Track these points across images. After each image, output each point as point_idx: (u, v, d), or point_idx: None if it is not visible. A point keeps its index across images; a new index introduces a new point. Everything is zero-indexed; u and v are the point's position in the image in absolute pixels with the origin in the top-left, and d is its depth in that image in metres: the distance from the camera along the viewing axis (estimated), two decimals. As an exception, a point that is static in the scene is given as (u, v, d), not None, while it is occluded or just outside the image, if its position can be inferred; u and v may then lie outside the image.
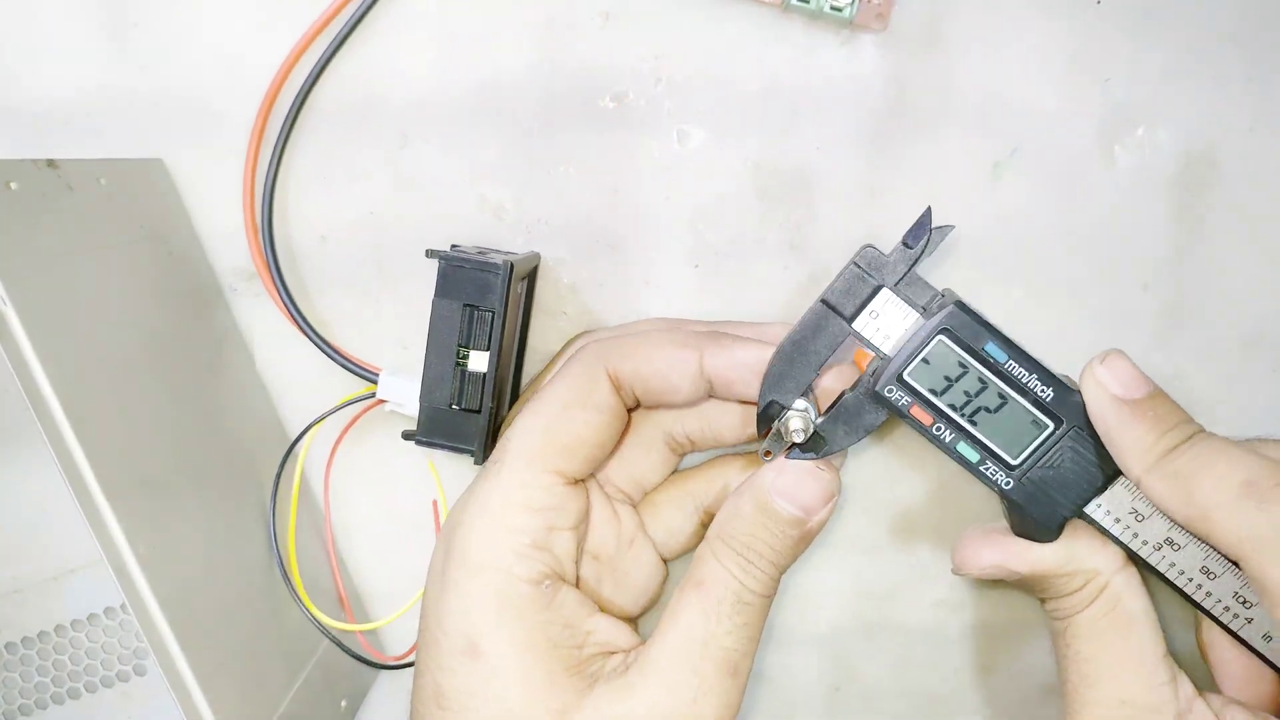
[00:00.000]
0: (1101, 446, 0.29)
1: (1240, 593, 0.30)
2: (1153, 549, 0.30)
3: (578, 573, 0.32)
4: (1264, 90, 0.34)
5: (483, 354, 0.31)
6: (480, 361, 0.31)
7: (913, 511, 0.37)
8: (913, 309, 0.30)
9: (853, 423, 0.31)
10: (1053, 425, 0.30)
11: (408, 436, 0.33)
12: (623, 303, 0.36)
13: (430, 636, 0.30)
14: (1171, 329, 0.35)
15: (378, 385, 0.34)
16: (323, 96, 0.35)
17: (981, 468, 0.30)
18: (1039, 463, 0.30)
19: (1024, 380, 0.30)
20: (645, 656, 0.29)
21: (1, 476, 0.37)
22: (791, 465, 0.30)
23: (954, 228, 0.31)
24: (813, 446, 0.31)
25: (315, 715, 0.35)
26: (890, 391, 0.30)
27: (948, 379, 0.30)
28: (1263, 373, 0.35)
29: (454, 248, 0.34)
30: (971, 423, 0.30)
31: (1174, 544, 0.30)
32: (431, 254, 0.32)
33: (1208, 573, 0.30)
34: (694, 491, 0.34)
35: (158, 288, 0.32)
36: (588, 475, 0.32)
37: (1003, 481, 0.30)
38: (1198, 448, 0.28)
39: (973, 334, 0.30)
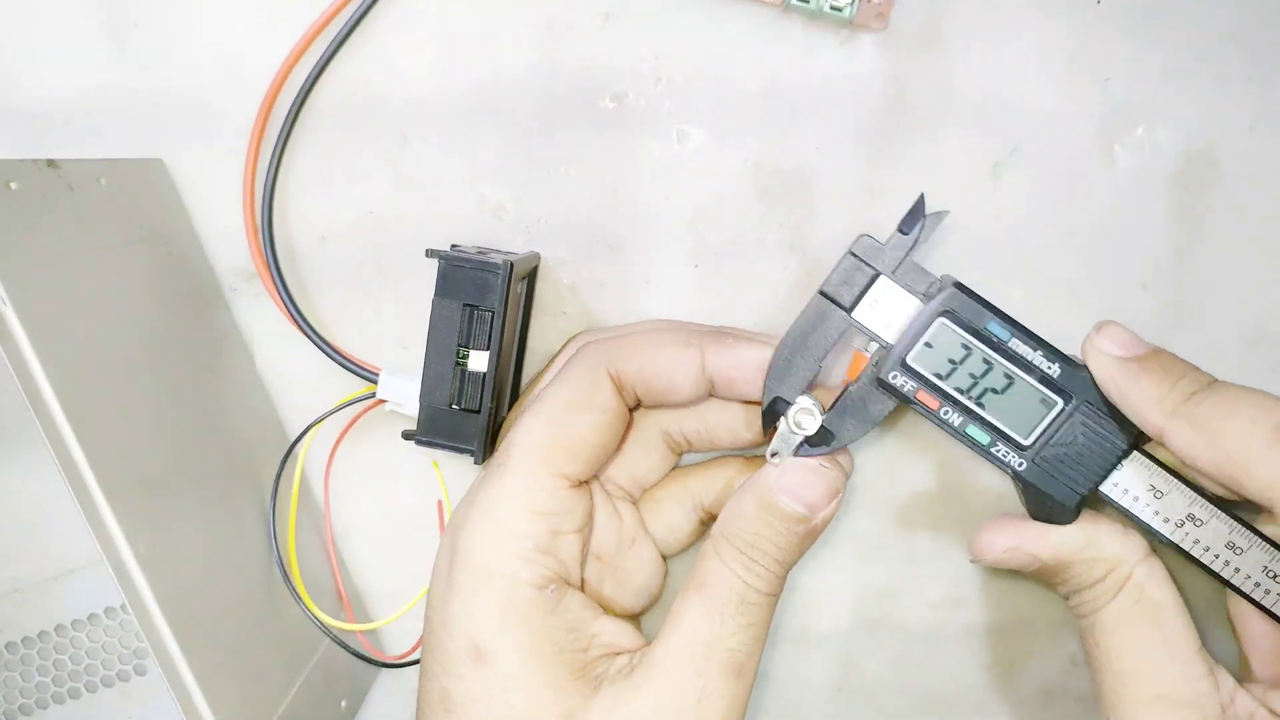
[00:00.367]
0: (1113, 420, 0.29)
1: (1270, 567, 0.29)
2: (1175, 526, 0.30)
3: (582, 575, 0.31)
4: (1264, 90, 0.34)
5: (483, 354, 0.31)
6: (480, 361, 0.31)
7: (914, 510, 0.37)
8: (912, 295, 0.30)
9: (860, 414, 0.31)
10: (1062, 402, 0.29)
11: (408, 436, 0.33)
12: (623, 303, 0.36)
13: (435, 640, 0.30)
14: (1171, 329, 0.35)
15: (378, 385, 0.34)
16: (323, 96, 0.35)
17: (993, 450, 0.30)
18: (1051, 441, 0.29)
19: (1029, 358, 0.29)
20: (650, 658, 0.29)
21: (1, 476, 0.37)
22: (795, 462, 0.30)
23: (949, 212, 0.31)
24: (821, 440, 0.30)
25: (315, 715, 0.35)
26: (895, 378, 0.30)
27: (952, 361, 0.30)
28: (1263, 372, 0.35)
29: (454, 248, 0.34)
30: (979, 405, 0.30)
31: (1196, 520, 0.29)
32: (431, 254, 0.32)
33: (1234, 548, 0.29)
34: (694, 489, 0.34)
35: (158, 288, 0.32)
36: (592, 477, 0.32)
37: (1015, 463, 0.30)
38: (1219, 394, 0.28)
39: (974, 313, 0.29)
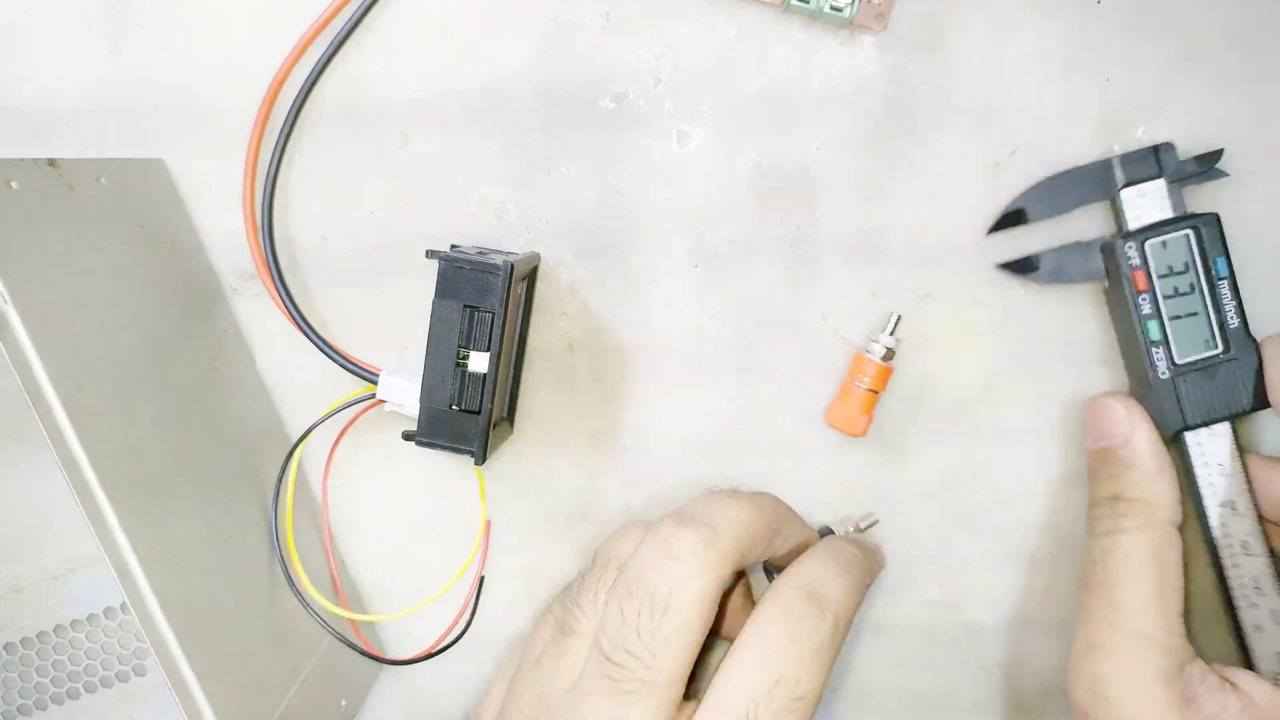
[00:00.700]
0: (1239, 385, 0.33)
1: (1259, 580, 0.33)
2: (1217, 504, 0.33)
3: None
4: (1264, 90, 0.34)
5: (483, 355, 0.31)
6: (480, 362, 0.31)
7: (913, 510, 0.37)
8: (1172, 207, 0.33)
9: (1075, 264, 0.34)
10: (1222, 349, 0.33)
11: (408, 437, 0.33)
12: (623, 303, 0.36)
13: None
14: (1171, 329, 0.35)
15: (378, 385, 0.34)
16: (323, 96, 0.35)
17: (1154, 349, 0.33)
18: (1193, 371, 0.33)
19: (1224, 302, 0.33)
20: None
21: (2, 476, 0.37)
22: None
23: (1227, 175, 0.33)
24: (1031, 266, 0.34)
25: (316, 714, 0.35)
26: (1128, 249, 0.33)
27: (1170, 268, 0.33)
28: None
29: (454, 248, 0.34)
30: (1168, 312, 0.33)
31: (1234, 508, 0.33)
32: (431, 254, 0.32)
33: (1245, 546, 0.33)
34: None
35: (159, 287, 0.32)
36: None
37: (1162, 370, 0.33)
38: None
39: (1213, 244, 0.33)
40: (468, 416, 0.32)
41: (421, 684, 0.39)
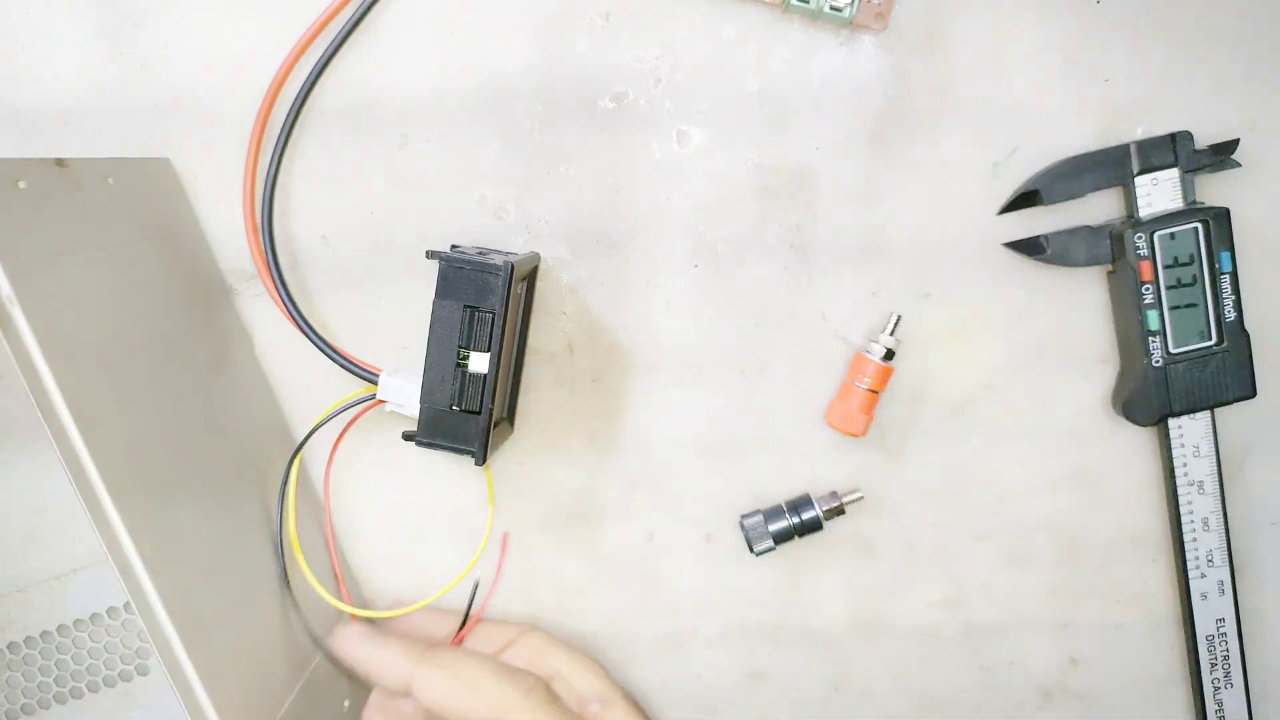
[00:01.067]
0: (1228, 377, 0.34)
1: (1213, 553, 0.36)
2: (1187, 484, 0.35)
3: None
4: (1264, 90, 0.34)
5: (483, 355, 0.31)
6: (481, 363, 0.31)
7: (913, 510, 0.37)
8: (1184, 197, 0.34)
9: (1082, 247, 0.34)
10: (1215, 341, 0.34)
11: (408, 437, 0.33)
12: (623, 303, 0.36)
13: None
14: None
15: (378, 386, 0.34)
16: (323, 96, 0.35)
17: (1151, 338, 0.34)
18: (1185, 361, 0.34)
19: (1224, 297, 0.34)
20: None
21: (6, 475, 0.37)
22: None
23: (1240, 166, 0.34)
24: (1038, 248, 0.34)
25: (318, 715, 0.35)
26: (1138, 239, 0.33)
27: (1176, 260, 0.34)
28: (1267, 374, 0.35)
29: (454, 248, 0.35)
30: (1169, 303, 0.34)
31: (1201, 488, 0.35)
32: (432, 255, 0.32)
33: (1205, 523, 0.35)
34: None
35: (164, 287, 0.32)
36: None
37: (1156, 358, 0.34)
38: None
39: (1220, 238, 0.33)
40: (468, 417, 0.32)
41: (423, 683, 0.40)
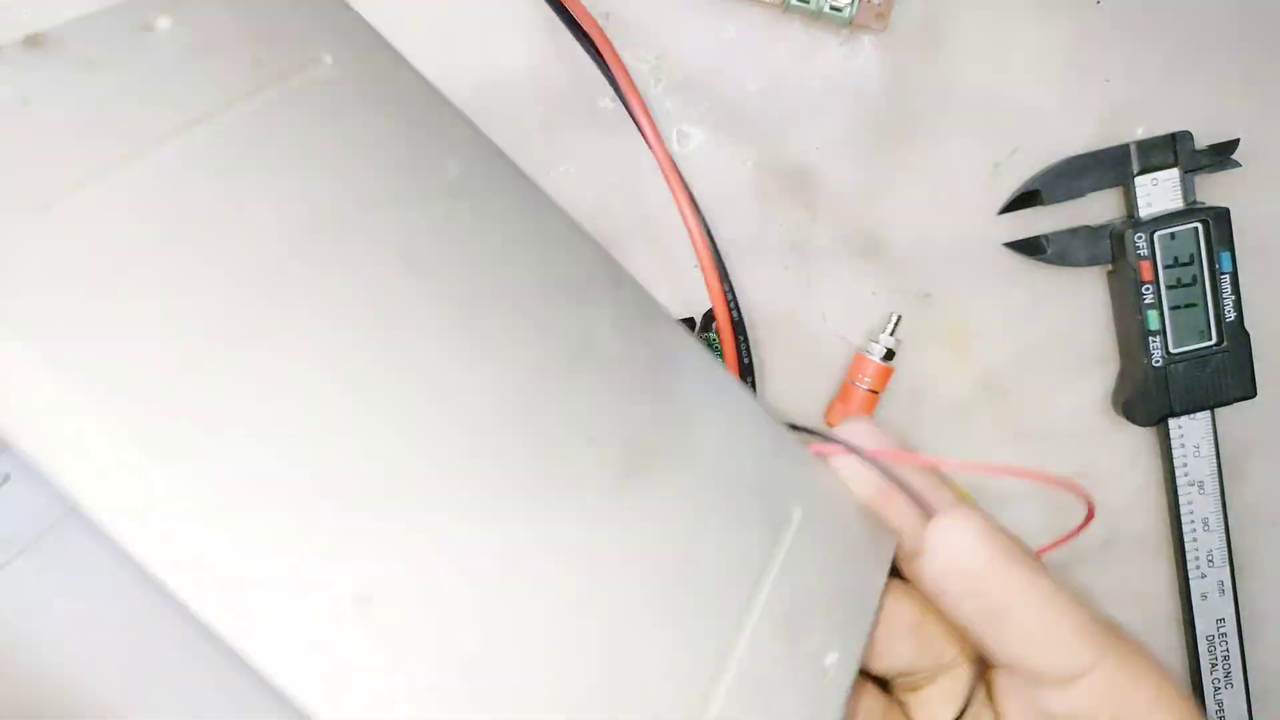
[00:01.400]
0: (1228, 377, 0.34)
1: (1213, 553, 0.35)
2: (1187, 483, 0.35)
3: None
4: (1264, 90, 0.34)
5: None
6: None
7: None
8: (1183, 198, 0.34)
9: (1082, 247, 0.34)
10: (1215, 341, 0.34)
11: None
12: (623, 303, 0.36)
13: None
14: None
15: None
16: (323, 96, 0.35)
17: (1151, 338, 0.34)
18: (1185, 360, 0.34)
19: (1224, 296, 0.34)
20: None
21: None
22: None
23: (1240, 166, 0.34)
24: (1038, 248, 0.34)
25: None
26: (1138, 239, 0.33)
27: (1176, 260, 0.34)
28: (1267, 374, 0.35)
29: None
30: (1169, 303, 0.34)
31: (1202, 487, 0.35)
32: None
33: (1205, 523, 0.35)
34: None
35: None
36: None
37: (1156, 358, 0.34)
38: None
39: (1220, 239, 0.33)
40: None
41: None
